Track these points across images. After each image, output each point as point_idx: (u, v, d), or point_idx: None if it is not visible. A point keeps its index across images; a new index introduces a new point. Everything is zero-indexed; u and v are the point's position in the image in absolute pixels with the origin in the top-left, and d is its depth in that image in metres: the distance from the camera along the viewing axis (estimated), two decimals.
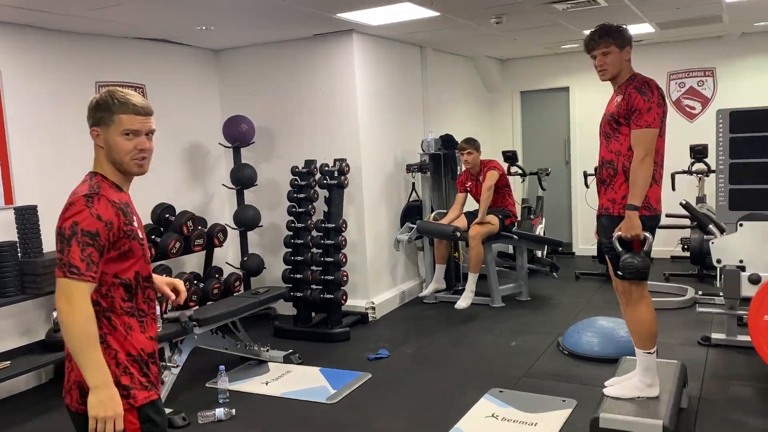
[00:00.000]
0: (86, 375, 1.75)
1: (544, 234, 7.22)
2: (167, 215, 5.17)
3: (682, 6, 5.33)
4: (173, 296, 2.24)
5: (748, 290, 3.27)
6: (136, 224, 1.95)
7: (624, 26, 3.25)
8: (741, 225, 3.74)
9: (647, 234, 3.08)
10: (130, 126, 1.91)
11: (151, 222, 5.16)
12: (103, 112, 1.90)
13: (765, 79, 7.14)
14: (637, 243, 3.10)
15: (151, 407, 1.90)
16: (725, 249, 3.76)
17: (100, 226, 1.81)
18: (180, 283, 2.27)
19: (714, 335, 4.61)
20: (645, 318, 3.24)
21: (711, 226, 4.00)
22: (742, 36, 7.12)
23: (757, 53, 7.16)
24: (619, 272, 3.18)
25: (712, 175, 6.47)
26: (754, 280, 3.23)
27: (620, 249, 3.12)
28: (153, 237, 5.04)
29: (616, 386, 3.40)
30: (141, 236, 1.96)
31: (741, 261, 3.63)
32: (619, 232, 3.11)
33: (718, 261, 3.82)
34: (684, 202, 4.04)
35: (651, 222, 3.14)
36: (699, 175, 6.48)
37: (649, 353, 3.26)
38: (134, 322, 1.92)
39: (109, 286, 1.87)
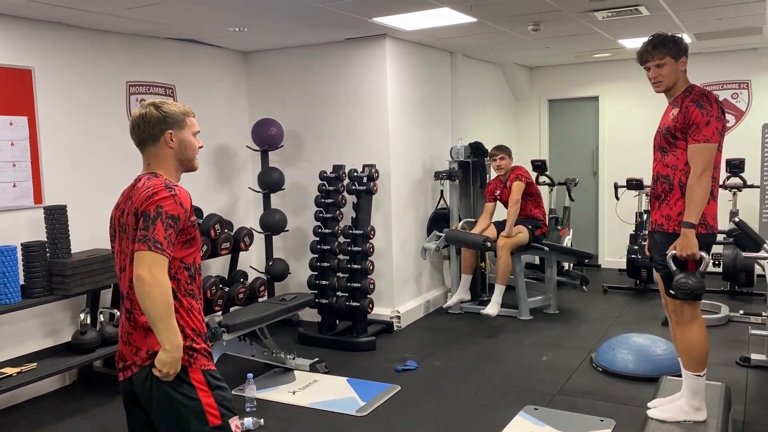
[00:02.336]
0: (162, 338, 1.99)
1: (572, 245, 7.09)
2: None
3: (724, 17, 5.21)
4: None
5: None
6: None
7: (679, 35, 3.14)
8: None
9: (703, 254, 2.96)
10: (196, 128, 2.27)
11: None
12: (176, 117, 2.19)
13: None
14: (693, 262, 2.98)
15: (213, 374, 2.15)
16: None
17: (180, 212, 2.05)
18: None
19: (754, 356, 4.47)
20: (696, 339, 3.12)
21: (766, 246, 3.86)
22: None
23: None
24: (671, 291, 3.05)
25: (746, 190, 6.34)
26: None
27: (674, 268, 3.00)
28: None
29: (660, 408, 3.29)
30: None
31: None
32: (674, 251, 2.99)
33: None
34: (737, 220, 3.91)
35: (707, 240, 3.02)
36: (733, 190, 6.33)
37: (698, 376, 3.14)
38: (194, 303, 2.15)
39: (176, 269, 2.09)
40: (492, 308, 5.52)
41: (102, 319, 4.44)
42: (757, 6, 4.84)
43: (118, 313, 4.47)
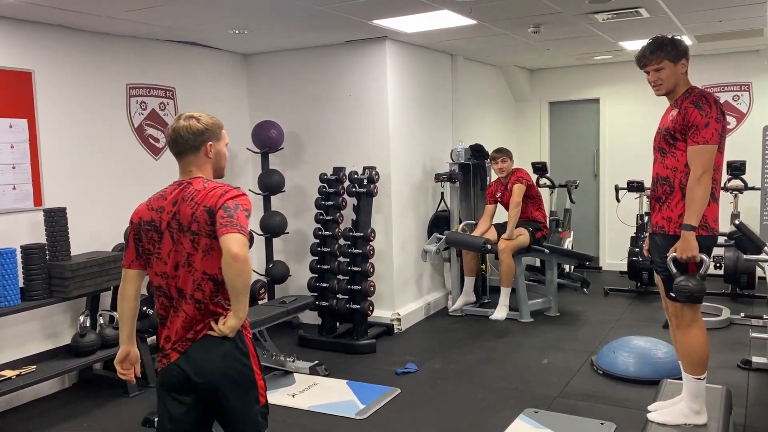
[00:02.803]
0: (239, 308, 2.18)
1: (572, 248, 7.08)
2: None
3: (725, 19, 5.20)
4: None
5: None
6: None
7: (678, 37, 3.12)
8: None
9: (704, 256, 2.94)
10: (227, 140, 2.43)
11: None
12: (215, 129, 2.35)
13: None
14: (693, 265, 2.97)
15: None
16: None
17: (250, 207, 2.27)
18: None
19: (755, 359, 4.46)
20: (696, 342, 3.10)
21: (767, 248, 3.85)
22: None
23: None
24: (672, 294, 3.04)
25: (747, 192, 6.33)
26: None
27: (675, 270, 2.99)
28: None
29: (661, 411, 3.27)
30: None
31: None
32: (675, 253, 2.97)
33: None
34: (738, 222, 3.90)
35: (708, 242, 3.01)
36: (734, 192, 6.31)
37: (698, 379, 3.13)
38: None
39: None
40: (500, 312, 5.52)
41: (102, 322, 4.43)
42: (758, 8, 4.83)
43: (117, 315, 4.48)
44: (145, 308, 4.67)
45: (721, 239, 4.60)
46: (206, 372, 2.21)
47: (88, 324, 4.35)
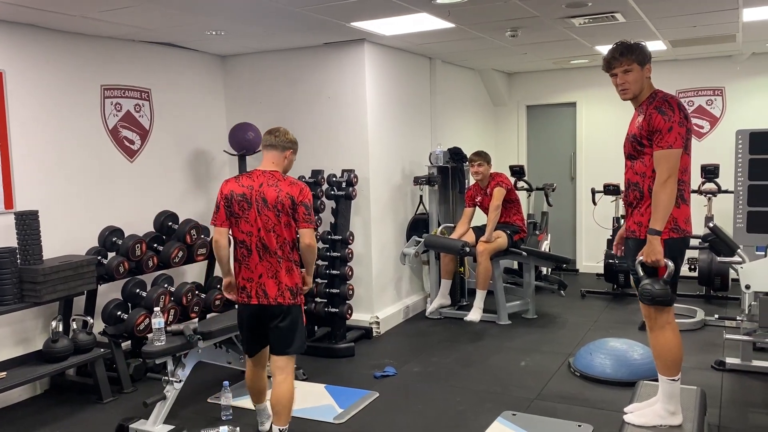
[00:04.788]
0: (312, 272, 3.44)
1: (549, 250, 7.13)
2: (170, 223, 5.03)
3: (698, 24, 5.27)
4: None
5: None
6: None
7: (643, 43, 3.17)
8: None
9: (668, 261, 2.98)
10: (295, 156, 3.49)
11: (153, 230, 5.03)
12: (296, 146, 3.47)
13: None
14: (663, 269, 3.00)
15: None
16: (754, 274, 3.67)
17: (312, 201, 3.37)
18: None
19: (728, 360, 4.52)
20: (669, 344, 3.14)
21: (739, 251, 3.90)
22: (753, 56, 7.08)
23: (767, 74, 7.13)
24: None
25: (721, 195, 6.42)
26: None
27: (641, 274, 3.04)
28: (155, 245, 4.91)
29: (637, 413, 3.30)
30: None
31: None
32: (641, 257, 3.01)
33: (747, 286, 3.72)
34: (712, 225, 3.95)
35: (680, 244, 3.04)
36: (708, 195, 6.41)
37: (672, 380, 3.16)
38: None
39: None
40: (475, 314, 5.53)
41: (75, 327, 4.34)
42: (730, 14, 4.91)
43: (91, 321, 4.41)
44: (119, 313, 4.60)
45: (695, 242, 4.68)
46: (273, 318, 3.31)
47: (60, 329, 4.26)
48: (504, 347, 5.24)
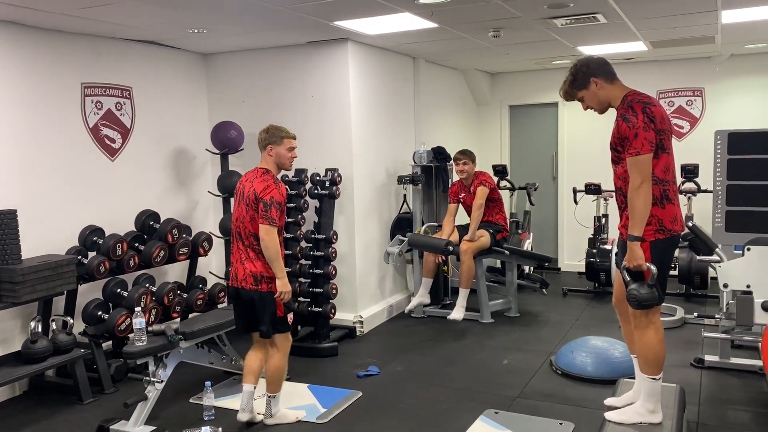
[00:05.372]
0: (278, 269, 3.57)
1: (532, 249, 7.17)
2: (151, 222, 5.00)
3: (678, 26, 5.33)
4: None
5: (761, 317, 3.21)
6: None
7: (578, 63, 3.20)
8: (749, 249, 3.70)
9: (650, 265, 3.01)
10: (292, 144, 3.70)
11: (135, 229, 4.99)
12: (276, 136, 3.65)
13: (752, 100, 7.21)
14: (647, 272, 3.03)
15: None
16: (732, 273, 3.72)
17: (282, 199, 3.57)
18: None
19: (707, 357, 4.58)
20: (651, 343, 3.17)
21: (718, 250, 3.95)
22: (732, 57, 7.17)
23: (745, 75, 7.23)
24: None
25: (700, 195, 6.50)
26: (767, 307, 3.18)
27: (628, 279, 3.06)
28: (137, 245, 4.87)
29: (617, 411, 3.33)
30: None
31: (748, 286, 3.58)
32: (626, 262, 3.05)
33: (725, 285, 3.77)
34: (691, 225, 4.00)
35: (667, 244, 3.07)
36: (688, 195, 6.48)
37: (654, 379, 3.19)
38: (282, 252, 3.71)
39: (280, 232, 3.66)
40: (457, 312, 5.55)
41: (54, 327, 4.30)
42: (709, 16, 4.97)
43: (71, 321, 4.36)
44: (100, 313, 4.56)
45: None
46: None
47: (39, 330, 4.22)
48: (487, 346, 5.27)
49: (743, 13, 4.94)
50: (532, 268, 7.21)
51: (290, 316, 3.79)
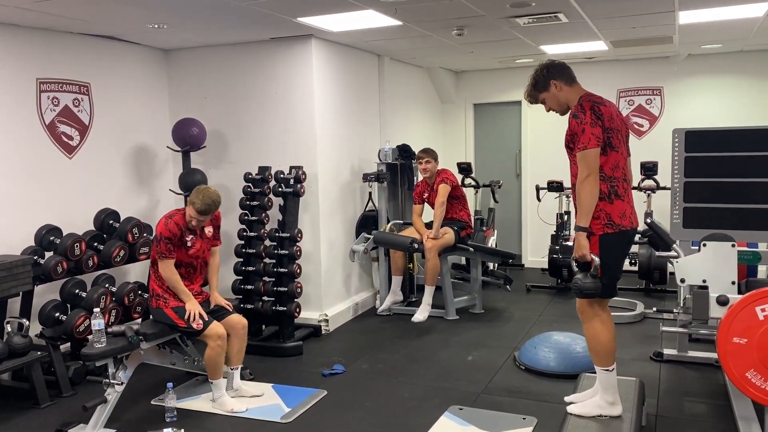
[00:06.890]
0: (183, 296, 4.03)
1: (496, 246, 7.23)
2: (111, 221, 4.90)
3: (638, 26, 5.43)
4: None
5: (716, 311, 3.30)
6: (189, 237, 4.12)
7: (540, 67, 3.36)
8: (704, 245, 3.79)
9: (594, 256, 3.13)
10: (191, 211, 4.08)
11: (93, 228, 4.88)
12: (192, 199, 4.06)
13: (709, 99, 7.39)
14: (591, 262, 3.14)
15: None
16: (689, 268, 3.80)
17: (162, 232, 4.01)
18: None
19: (666, 351, 4.68)
20: (598, 335, 3.28)
21: (675, 246, 4.04)
22: (689, 57, 7.34)
23: (702, 74, 7.41)
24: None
25: (660, 192, 6.64)
26: (723, 301, 3.27)
27: (576, 269, 3.22)
28: (96, 244, 4.77)
29: (578, 404, 3.39)
30: (189, 244, 4.12)
31: (704, 281, 3.67)
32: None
33: (682, 280, 3.86)
34: (650, 221, 4.08)
35: (616, 238, 3.18)
36: (647, 192, 6.62)
37: (606, 371, 3.28)
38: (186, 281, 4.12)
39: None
40: (421, 314, 5.55)
41: (9, 330, 4.17)
42: (667, 16, 5.07)
43: (27, 323, 4.24)
44: (57, 314, 4.44)
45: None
46: None
47: None
48: (452, 342, 5.30)
49: (700, 14, 5.06)
50: (496, 265, 7.28)
51: (198, 323, 3.97)
